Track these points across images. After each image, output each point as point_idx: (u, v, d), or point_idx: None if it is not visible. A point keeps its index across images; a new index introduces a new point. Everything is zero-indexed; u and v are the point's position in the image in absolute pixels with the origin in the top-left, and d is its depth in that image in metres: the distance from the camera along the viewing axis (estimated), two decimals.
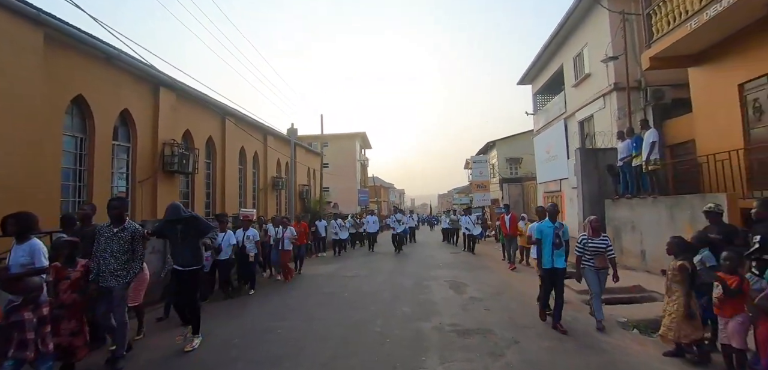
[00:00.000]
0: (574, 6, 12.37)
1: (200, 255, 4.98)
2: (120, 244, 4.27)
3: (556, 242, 5.19)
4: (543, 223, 5.42)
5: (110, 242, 4.25)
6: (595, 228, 5.34)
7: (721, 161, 7.29)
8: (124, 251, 4.29)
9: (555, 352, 4.37)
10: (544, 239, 5.27)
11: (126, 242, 4.31)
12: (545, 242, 5.25)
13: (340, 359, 4.33)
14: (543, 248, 5.25)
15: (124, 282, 4.25)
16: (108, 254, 4.22)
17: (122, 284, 4.24)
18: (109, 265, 4.20)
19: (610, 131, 11.41)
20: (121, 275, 4.24)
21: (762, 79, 7.00)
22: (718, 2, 6.45)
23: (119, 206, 4.40)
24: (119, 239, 4.28)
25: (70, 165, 7.80)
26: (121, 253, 4.26)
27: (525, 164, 25.61)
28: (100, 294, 4.20)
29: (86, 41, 7.58)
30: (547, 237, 5.27)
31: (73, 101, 7.75)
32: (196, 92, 11.38)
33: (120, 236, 4.29)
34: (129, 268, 4.30)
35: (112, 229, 4.31)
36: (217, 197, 12.92)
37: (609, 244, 5.31)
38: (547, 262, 5.24)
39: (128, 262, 4.32)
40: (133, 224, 4.44)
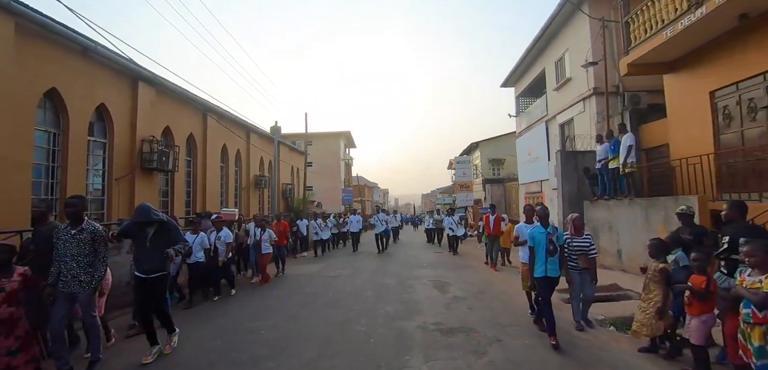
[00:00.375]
0: (556, 12, 12.66)
1: (165, 261, 4.51)
2: (80, 246, 3.97)
3: (550, 248, 4.76)
4: (535, 228, 4.94)
5: (69, 245, 3.95)
6: (578, 227, 5.40)
7: (693, 165, 7.60)
8: (85, 254, 3.99)
9: (536, 349, 4.47)
10: (536, 246, 4.81)
11: (86, 243, 4.00)
12: (538, 249, 4.80)
13: (324, 358, 4.32)
14: (536, 256, 4.81)
15: (90, 289, 3.99)
16: (68, 257, 3.93)
17: (88, 291, 3.98)
18: (71, 270, 3.92)
19: (589, 134, 11.73)
20: (86, 281, 3.96)
21: (732, 88, 7.33)
22: (692, 13, 6.72)
23: (77, 205, 4.07)
24: (78, 241, 3.97)
25: (43, 161, 7.50)
26: (82, 256, 3.97)
27: (507, 165, 26.04)
28: (56, 299, 3.88)
29: (61, 32, 7.30)
30: (539, 244, 4.80)
31: (46, 95, 7.44)
32: (176, 88, 11.11)
33: (79, 238, 3.98)
34: (93, 272, 4.02)
35: (69, 230, 4.00)
36: (198, 195, 12.64)
37: (592, 243, 5.34)
38: (540, 270, 4.78)
39: (91, 265, 4.03)
40: (93, 225, 4.13)
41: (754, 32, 6.61)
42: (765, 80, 6.69)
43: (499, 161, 27.23)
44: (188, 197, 12.40)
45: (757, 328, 2.85)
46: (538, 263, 4.79)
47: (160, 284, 4.57)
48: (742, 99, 7.16)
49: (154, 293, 4.52)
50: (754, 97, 6.94)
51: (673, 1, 7.21)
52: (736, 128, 7.33)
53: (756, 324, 2.86)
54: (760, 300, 2.82)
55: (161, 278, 4.56)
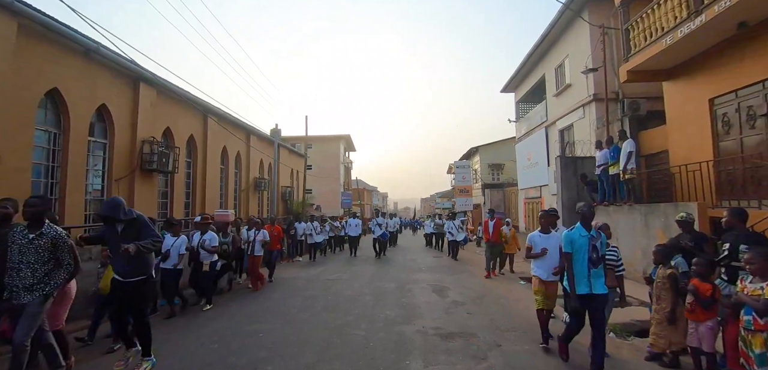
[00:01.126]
0: (557, 18, 12.72)
1: (146, 263, 4.07)
2: (38, 253, 3.49)
3: (593, 257, 3.85)
4: (573, 230, 3.99)
5: (26, 251, 3.48)
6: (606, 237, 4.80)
7: (693, 172, 7.62)
8: (44, 262, 3.51)
9: (536, 355, 4.46)
10: (576, 253, 3.88)
11: (45, 250, 3.53)
12: (579, 257, 3.87)
13: (323, 363, 4.30)
14: (575, 266, 3.88)
15: (40, 296, 3.46)
16: (24, 264, 3.45)
17: (38, 299, 3.45)
18: (24, 279, 3.43)
19: (588, 140, 11.76)
20: (38, 289, 3.47)
21: (731, 95, 7.36)
22: (692, 21, 6.76)
23: (37, 206, 3.61)
24: (37, 246, 3.50)
25: (43, 161, 7.49)
26: (40, 264, 3.49)
27: (507, 170, 26.09)
28: (15, 313, 3.45)
29: (63, 33, 7.31)
30: (580, 250, 3.87)
31: (48, 95, 7.44)
32: (177, 89, 11.12)
33: (37, 243, 3.50)
34: (49, 280, 3.54)
35: (27, 234, 3.52)
36: (198, 196, 12.63)
37: (619, 257, 4.58)
38: (582, 285, 3.84)
39: (49, 274, 3.55)
40: (55, 229, 3.67)
41: (753, 40, 6.65)
42: (764, 88, 6.73)
43: (499, 166, 27.28)
44: (188, 198, 12.38)
45: (758, 335, 2.86)
46: (579, 276, 3.86)
47: (138, 290, 4.03)
48: (741, 107, 7.19)
49: (133, 299, 4.02)
50: (753, 105, 6.97)
51: (672, 9, 7.25)
52: (736, 136, 7.35)
53: (757, 331, 2.86)
54: (761, 307, 2.83)
55: (139, 284, 4.02)
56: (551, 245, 4.78)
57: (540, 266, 4.85)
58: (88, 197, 8.45)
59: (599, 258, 3.88)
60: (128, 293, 4.00)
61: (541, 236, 4.93)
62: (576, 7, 11.64)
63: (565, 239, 4.00)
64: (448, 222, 14.83)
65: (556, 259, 4.65)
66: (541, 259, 4.79)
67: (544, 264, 4.80)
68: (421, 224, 38.56)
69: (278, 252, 10.43)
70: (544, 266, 4.80)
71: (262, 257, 8.90)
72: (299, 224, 14.40)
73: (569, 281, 3.92)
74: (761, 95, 6.78)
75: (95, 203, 8.73)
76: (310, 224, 14.40)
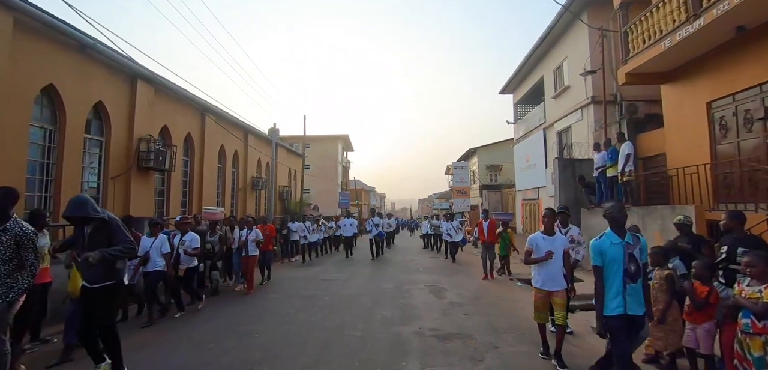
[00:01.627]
0: (556, 20, 12.75)
1: (115, 268, 3.69)
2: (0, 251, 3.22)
3: (631, 269, 3.14)
4: (602, 239, 3.24)
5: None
6: None
7: (690, 175, 7.64)
8: (5, 260, 3.23)
9: (533, 356, 4.45)
10: (608, 266, 3.16)
11: (8, 248, 3.24)
12: (612, 270, 3.15)
13: (320, 363, 4.27)
14: (606, 282, 3.18)
15: (3, 303, 3.21)
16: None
17: (2, 305, 3.20)
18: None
19: (586, 142, 11.79)
20: (2, 292, 3.21)
21: (728, 99, 7.39)
22: (690, 24, 6.78)
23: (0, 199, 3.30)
24: None
25: (37, 158, 7.42)
26: (2, 263, 3.22)
27: (505, 172, 26.15)
28: None
29: (60, 28, 7.24)
30: (614, 262, 3.14)
31: (43, 91, 7.38)
32: (175, 87, 11.05)
33: (0, 239, 3.22)
34: (11, 283, 3.25)
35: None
36: (195, 195, 12.56)
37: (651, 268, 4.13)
38: (615, 304, 3.12)
39: (12, 273, 3.26)
40: (20, 225, 3.35)
41: (751, 44, 6.68)
42: (761, 92, 6.75)
43: (497, 167, 27.33)
44: (184, 197, 12.31)
45: (757, 338, 2.85)
46: (611, 292, 3.15)
47: (106, 296, 3.64)
48: (739, 110, 7.23)
49: (101, 306, 3.62)
50: (750, 109, 7.00)
51: (671, 12, 7.27)
52: (733, 139, 7.38)
53: (756, 334, 2.86)
54: (760, 310, 2.82)
55: (107, 290, 3.63)
56: (557, 248, 4.26)
57: (542, 273, 4.28)
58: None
59: (638, 270, 3.15)
60: (95, 300, 3.60)
61: (544, 238, 4.33)
62: (575, 10, 11.67)
63: (594, 250, 3.25)
64: (446, 223, 14.40)
65: (561, 266, 4.28)
66: (544, 265, 4.25)
67: (548, 271, 4.24)
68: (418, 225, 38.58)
69: (271, 253, 9.99)
70: (548, 274, 4.24)
71: (257, 257, 8.55)
72: (293, 224, 13.93)
73: (597, 300, 3.24)
74: (758, 99, 6.81)
75: None
76: (303, 224, 13.88)
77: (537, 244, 4.33)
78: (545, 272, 4.26)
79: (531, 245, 4.38)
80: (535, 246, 4.33)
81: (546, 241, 4.31)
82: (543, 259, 4.22)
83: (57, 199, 7.57)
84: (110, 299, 3.73)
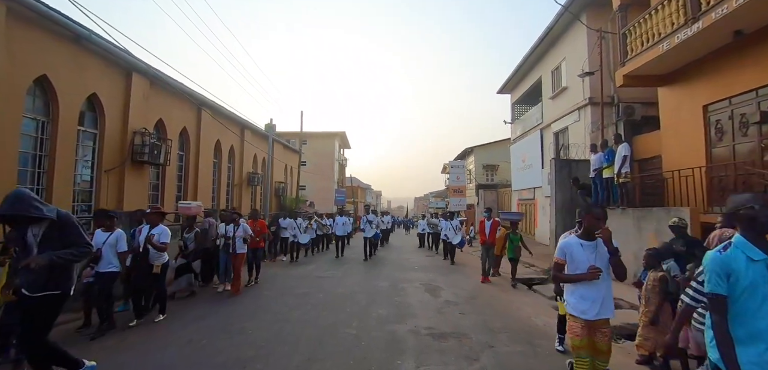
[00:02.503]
0: (555, 21, 12.75)
1: (64, 277, 3.20)
2: None
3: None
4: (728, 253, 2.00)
5: None
6: None
7: (685, 177, 7.67)
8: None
9: (528, 356, 4.45)
10: (742, 294, 1.93)
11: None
12: (752, 302, 1.91)
13: (314, 362, 4.24)
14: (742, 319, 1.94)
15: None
16: None
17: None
18: None
19: (583, 143, 11.82)
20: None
21: (724, 102, 7.42)
22: (689, 27, 6.79)
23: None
24: None
25: (30, 150, 7.32)
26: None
27: (501, 171, 26.23)
28: None
29: (54, 19, 7.13)
30: (755, 290, 1.90)
31: (36, 82, 7.27)
32: (171, 80, 10.94)
33: None
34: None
35: None
36: (190, 190, 12.47)
37: None
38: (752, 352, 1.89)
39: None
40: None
41: (749, 48, 6.70)
42: (757, 96, 6.78)
43: (493, 167, 27.41)
44: (179, 191, 12.23)
45: None
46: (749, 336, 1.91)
47: (43, 308, 3.13)
48: (735, 114, 7.26)
49: (38, 318, 3.13)
50: (746, 113, 7.03)
51: (670, 15, 7.28)
52: (728, 142, 7.42)
53: None
54: None
55: (48, 301, 3.13)
56: (602, 261, 3.00)
57: (582, 293, 3.01)
58: (76, 188, 8.29)
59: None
60: (32, 311, 3.09)
61: (582, 245, 3.06)
62: (575, 10, 11.67)
63: (714, 269, 1.99)
64: (445, 222, 13.62)
65: (610, 284, 3.09)
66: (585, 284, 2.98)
67: (592, 292, 2.97)
68: (413, 223, 38.57)
69: (262, 251, 9.26)
70: (591, 295, 2.98)
71: (245, 255, 7.90)
72: (283, 220, 12.97)
73: (721, 345, 1.93)
74: (754, 103, 6.84)
75: (83, 194, 8.57)
76: (294, 222, 13.01)
77: (572, 253, 3.05)
78: (587, 292, 2.99)
79: (563, 254, 3.11)
80: (570, 256, 3.06)
81: (586, 249, 3.03)
82: (585, 277, 2.97)
83: (49, 191, 7.48)
84: (48, 312, 3.18)
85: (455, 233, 12.41)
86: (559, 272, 3.19)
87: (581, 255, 3.06)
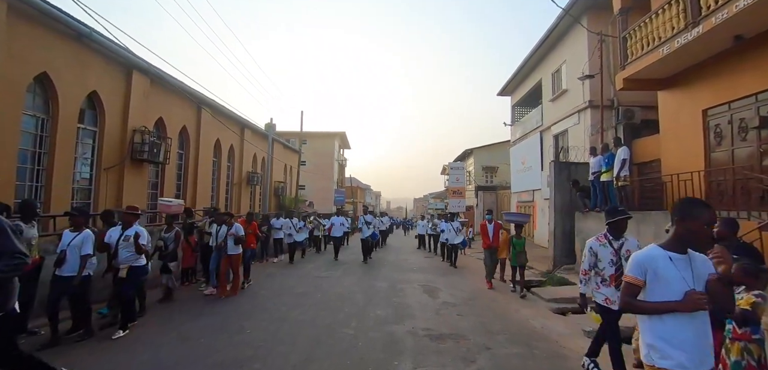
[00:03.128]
0: (555, 24, 12.77)
1: None
2: None
3: None
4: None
5: None
6: None
7: (684, 181, 7.67)
8: None
9: (525, 358, 4.45)
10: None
11: None
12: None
13: (312, 361, 4.24)
14: None
15: None
16: None
17: None
18: None
19: (583, 146, 11.82)
20: None
21: (724, 107, 7.43)
22: (689, 31, 6.80)
23: None
24: None
25: (29, 147, 7.32)
26: None
27: (500, 173, 26.25)
28: None
29: (55, 16, 7.14)
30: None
31: (37, 79, 7.29)
32: (171, 79, 10.96)
33: None
34: None
35: None
36: (189, 189, 12.48)
37: None
38: None
39: None
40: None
41: (748, 53, 6.71)
42: (757, 101, 6.79)
43: (493, 169, 27.42)
44: (178, 190, 12.23)
45: (736, 343, 2.92)
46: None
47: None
48: (734, 118, 7.27)
49: None
50: (745, 117, 7.04)
51: (671, 19, 7.29)
52: (727, 147, 7.43)
53: (735, 339, 2.92)
54: (737, 317, 2.87)
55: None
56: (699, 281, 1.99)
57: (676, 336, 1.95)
58: (75, 186, 8.30)
59: None
60: None
61: (672, 258, 2.03)
62: (576, 13, 11.69)
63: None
64: (444, 223, 13.17)
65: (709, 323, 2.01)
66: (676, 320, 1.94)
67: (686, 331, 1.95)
68: (412, 224, 38.58)
69: (253, 252, 8.94)
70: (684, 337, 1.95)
71: (241, 256, 7.52)
72: (276, 221, 12.47)
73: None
74: (754, 108, 6.85)
75: (83, 192, 8.57)
76: (289, 221, 12.46)
77: (656, 270, 2.03)
78: (680, 330, 1.95)
79: (643, 272, 2.06)
80: (654, 274, 2.03)
81: (677, 264, 2.01)
82: (682, 308, 1.92)
83: (48, 189, 7.48)
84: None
85: (457, 233, 12.13)
86: (634, 299, 2.07)
87: (672, 273, 2.01)
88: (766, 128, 6.73)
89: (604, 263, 3.86)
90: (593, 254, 3.93)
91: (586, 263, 3.97)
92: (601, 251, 3.90)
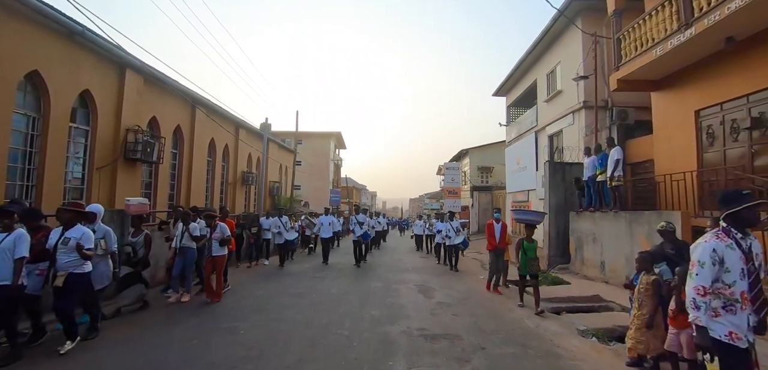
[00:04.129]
0: (550, 25, 12.82)
1: None
2: None
3: None
4: None
5: None
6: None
7: (677, 181, 7.75)
8: None
9: (519, 358, 4.46)
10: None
11: None
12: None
13: (306, 362, 4.22)
14: None
15: None
16: None
17: None
18: None
19: (577, 146, 11.89)
20: None
21: (716, 108, 7.52)
22: (682, 33, 6.86)
23: None
24: None
25: (20, 146, 7.22)
26: None
27: (496, 174, 26.32)
28: None
29: (46, 13, 7.04)
30: None
31: (27, 77, 7.18)
32: (165, 78, 10.85)
33: None
34: None
35: None
36: (183, 188, 12.37)
37: None
38: None
39: None
40: None
41: (740, 55, 6.79)
42: (748, 102, 6.88)
43: (488, 169, 27.49)
44: (172, 190, 12.13)
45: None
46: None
47: None
48: (726, 119, 7.35)
49: None
50: (736, 118, 7.12)
51: (664, 21, 7.36)
52: (719, 148, 7.51)
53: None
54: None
55: None
56: None
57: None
58: (67, 185, 8.19)
59: None
60: None
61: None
62: (570, 15, 11.75)
63: None
64: (442, 224, 12.52)
65: None
66: None
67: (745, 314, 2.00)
68: (408, 225, 38.58)
69: (232, 253, 8.49)
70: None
71: (225, 257, 7.22)
72: (265, 220, 11.92)
73: None
74: (745, 109, 6.93)
75: (75, 192, 8.47)
76: (279, 220, 11.76)
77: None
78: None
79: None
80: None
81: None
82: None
83: (39, 188, 7.39)
84: None
85: (456, 234, 11.34)
86: None
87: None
88: (757, 129, 6.81)
89: (733, 274, 2.36)
90: (717, 261, 2.38)
91: (707, 275, 2.38)
92: (728, 254, 2.38)
